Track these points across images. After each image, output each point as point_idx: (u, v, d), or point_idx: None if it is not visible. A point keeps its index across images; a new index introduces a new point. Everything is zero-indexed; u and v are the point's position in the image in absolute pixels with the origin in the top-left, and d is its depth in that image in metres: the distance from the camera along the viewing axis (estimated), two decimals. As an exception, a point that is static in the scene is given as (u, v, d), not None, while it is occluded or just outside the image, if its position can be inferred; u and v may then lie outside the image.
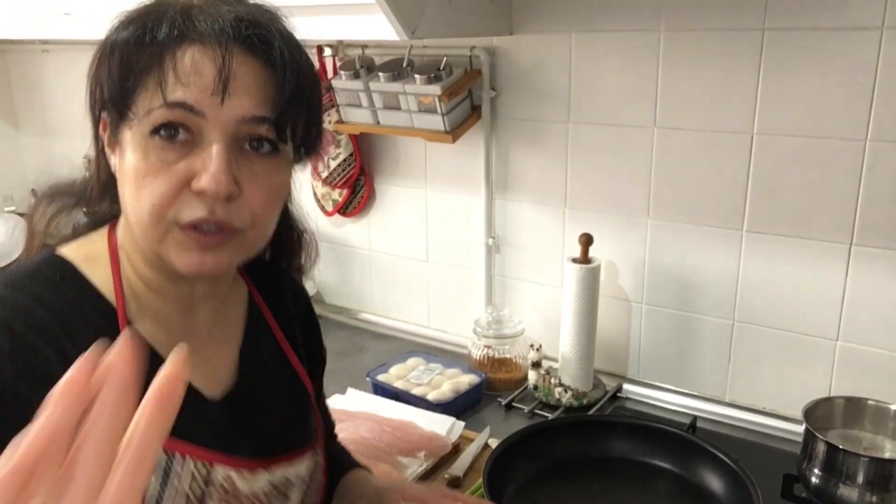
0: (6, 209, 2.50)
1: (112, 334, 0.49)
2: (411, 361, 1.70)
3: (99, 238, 0.79)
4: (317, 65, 1.82)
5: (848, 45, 1.28)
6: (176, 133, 0.69)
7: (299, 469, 0.84)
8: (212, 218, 0.70)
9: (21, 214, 2.47)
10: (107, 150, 0.76)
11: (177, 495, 0.71)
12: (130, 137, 0.71)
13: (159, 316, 0.77)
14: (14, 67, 2.71)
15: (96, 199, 0.82)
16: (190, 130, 0.70)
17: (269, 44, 0.71)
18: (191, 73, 0.68)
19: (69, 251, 0.77)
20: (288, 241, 0.94)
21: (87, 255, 0.77)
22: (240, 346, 0.84)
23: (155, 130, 0.69)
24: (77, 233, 0.82)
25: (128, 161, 0.71)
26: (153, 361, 0.37)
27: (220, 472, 0.75)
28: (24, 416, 0.37)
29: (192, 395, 0.77)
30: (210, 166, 0.68)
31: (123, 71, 0.70)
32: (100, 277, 0.75)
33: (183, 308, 0.79)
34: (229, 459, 0.76)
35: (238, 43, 0.70)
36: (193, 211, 0.69)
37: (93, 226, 0.82)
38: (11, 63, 2.71)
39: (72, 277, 0.74)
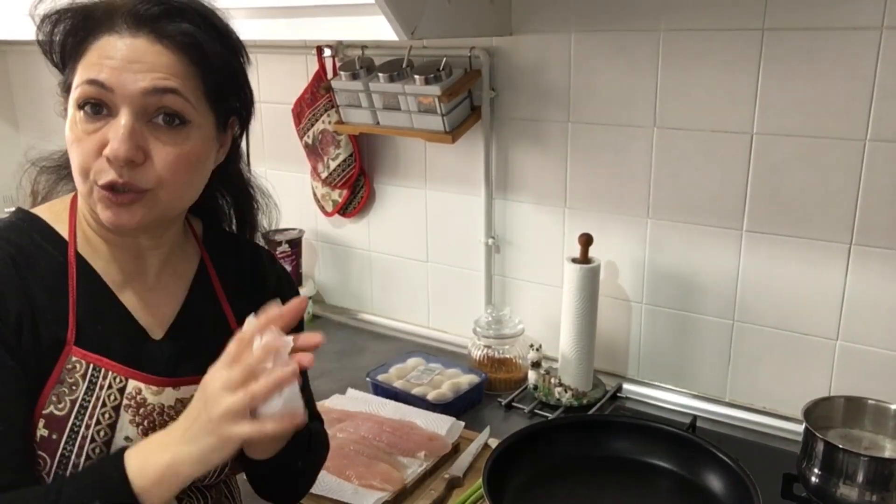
0: (6, 209, 2.50)
1: (65, 263, 0.87)
2: (411, 361, 1.70)
3: (61, 202, 0.94)
4: (316, 65, 1.84)
5: (848, 45, 1.28)
6: (96, 108, 0.82)
7: None
8: (119, 181, 0.82)
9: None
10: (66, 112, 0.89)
11: (98, 401, 0.86)
12: (70, 110, 0.85)
13: (111, 258, 0.92)
14: (14, 67, 2.71)
15: (69, 171, 0.94)
16: (106, 105, 0.82)
17: (174, 25, 0.84)
18: (104, 56, 0.82)
19: (39, 209, 0.93)
20: (248, 199, 1.07)
21: (51, 211, 0.92)
22: (184, 299, 0.96)
23: (80, 106, 0.83)
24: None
25: (67, 128, 0.85)
26: (104, 289, 0.86)
27: (132, 385, 0.88)
28: None
29: (138, 331, 0.91)
30: (115, 134, 0.81)
31: (62, 59, 0.87)
32: (61, 226, 0.90)
33: (132, 255, 0.92)
34: (141, 376, 0.89)
35: (145, 27, 0.83)
36: (106, 174, 0.82)
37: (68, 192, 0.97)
38: (11, 63, 2.71)
39: (36, 225, 0.90)
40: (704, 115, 1.44)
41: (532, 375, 1.61)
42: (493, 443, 1.38)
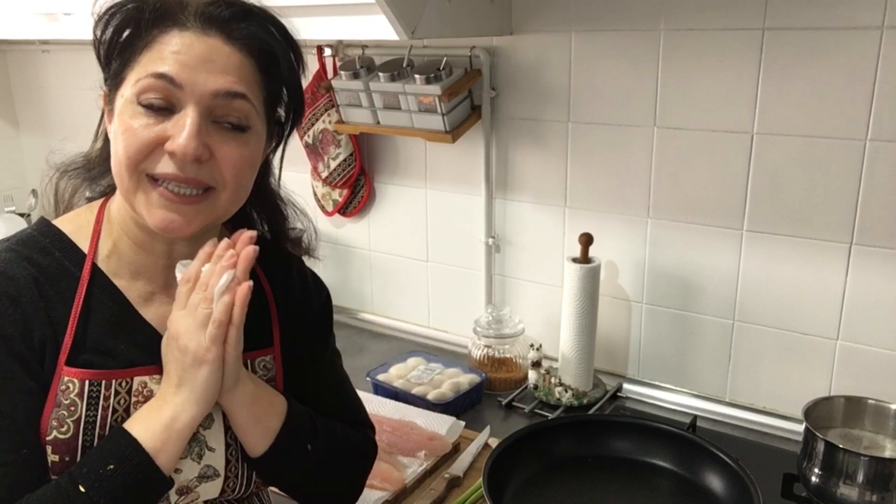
0: (6, 209, 2.50)
1: (87, 282, 0.85)
2: (411, 361, 1.70)
3: (89, 210, 0.91)
4: (317, 65, 1.84)
5: (848, 45, 1.28)
6: (159, 102, 0.80)
7: None
8: (181, 176, 0.80)
9: (21, 215, 2.47)
10: (105, 120, 0.87)
11: (106, 411, 0.83)
12: (120, 104, 0.82)
13: (141, 268, 0.89)
14: (14, 67, 2.71)
15: (99, 172, 0.93)
16: (169, 101, 0.80)
17: (245, 28, 0.83)
18: (173, 51, 0.80)
19: (60, 221, 0.89)
20: (279, 213, 1.05)
21: (74, 223, 0.89)
22: None
23: (140, 98, 0.80)
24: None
25: (115, 122, 0.82)
26: (123, 305, 0.85)
27: (137, 381, 0.86)
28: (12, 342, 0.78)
29: (152, 332, 0.88)
30: (183, 130, 0.79)
31: (120, 49, 0.82)
32: (83, 240, 0.88)
33: (164, 264, 0.89)
34: (142, 369, 0.86)
35: (215, 27, 0.81)
36: (163, 166, 0.80)
37: (90, 200, 0.94)
38: (11, 63, 2.71)
39: (58, 241, 0.87)
40: (704, 115, 1.44)
41: (532, 375, 1.61)
42: (494, 442, 1.38)
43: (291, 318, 1.00)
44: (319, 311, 1.07)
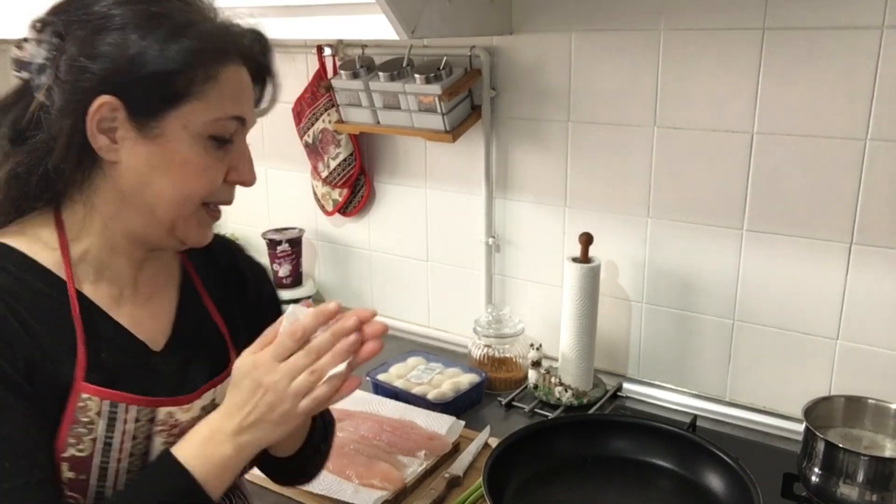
0: None
1: (62, 301, 0.81)
2: (411, 361, 1.70)
3: (41, 225, 0.85)
4: (317, 64, 1.84)
5: (848, 44, 1.28)
6: (226, 137, 0.84)
7: (223, 388, 0.93)
8: (231, 200, 0.89)
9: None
10: (99, 135, 0.80)
11: (125, 435, 0.83)
12: (184, 133, 0.81)
13: (110, 272, 0.87)
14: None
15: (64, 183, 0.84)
16: (232, 135, 0.85)
17: (266, 61, 0.91)
18: (239, 90, 0.85)
19: (10, 240, 0.84)
20: None
21: (30, 240, 0.84)
22: (176, 304, 0.94)
23: (212, 132, 0.82)
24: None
25: (175, 153, 0.81)
26: (99, 315, 0.81)
27: (163, 411, 0.86)
28: None
29: (140, 347, 0.88)
30: (247, 163, 0.87)
31: (173, 76, 0.79)
32: (43, 256, 0.83)
33: (133, 266, 0.89)
34: (169, 400, 0.87)
35: (250, 62, 0.87)
36: (228, 195, 0.88)
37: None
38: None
39: (11, 257, 0.82)
40: (704, 115, 1.44)
41: (532, 375, 1.61)
42: (494, 442, 1.38)
43: (237, 319, 1.00)
44: (257, 299, 1.04)
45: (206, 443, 0.81)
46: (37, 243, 0.83)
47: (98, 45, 0.78)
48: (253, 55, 0.87)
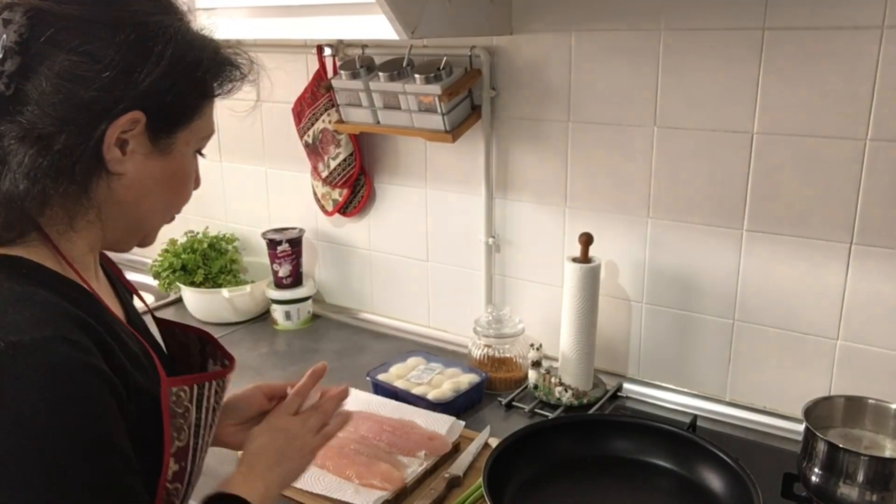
0: None
1: (100, 308, 0.83)
2: (411, 361, 1.70)
3: (35, 244, 0.81)
4: (317, 64, 1.84)
5: (848, 44, 1.28)
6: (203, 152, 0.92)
7: None
8: None
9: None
10: (112, 146, 0.78)
11: (208, 412, 0.91)
12: (186, 150, 0.87)
13: (86, 266, 0.87)
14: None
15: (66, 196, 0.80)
16: None
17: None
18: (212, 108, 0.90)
19: (20, 253, 0.80)
20: None
21: (35, 255, 0.81)
22: (117, 297, 0.98)
23: (200, 147, 0.91)
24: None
25: (178, 167, 0.87)
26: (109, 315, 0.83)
27: (227, 380, 0.97)
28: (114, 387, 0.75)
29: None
30: (198, 170, 0.94)
31: (194, 97, 0.85)
32: (53, 264, 0.82)
33: (93, 258, 0.91)
34: (225, 370, 0.98)
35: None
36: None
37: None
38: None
39: (43, 273, 0.80)
40: (704, 115, 1.44)
41: (532, 375, 1.61)
42: (494, 442, 1.38)
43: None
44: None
45: (241, 480, 0.92)
46: (40, 256, 0.81)
47: (120, 52, 0.75)
48: (247, 72, 0.93)
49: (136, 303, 1.02)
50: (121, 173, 0.80)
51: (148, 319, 1.02)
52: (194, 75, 0.82)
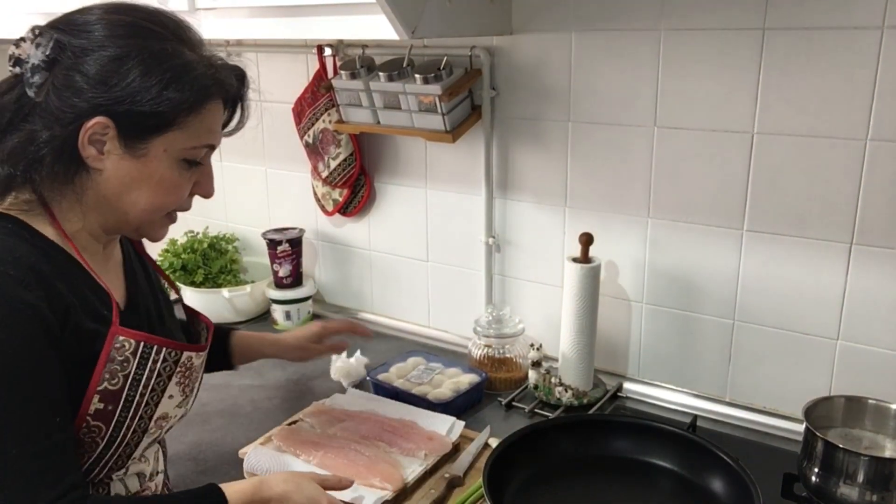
0: None
1: (76, 263, 0.95)
2: (411, 361, 1.70)
3: (38, 214, 0.95)
4: (317, 64, 1.84)
5: (848, 44, 1.28)
6: (199, 161, 0.99)
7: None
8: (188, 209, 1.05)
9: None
10: (88, 146, 0.91)
11: (152, 373, 0.99)
12: (154, 152, 0.93)
13: (90, 248, 1.01)
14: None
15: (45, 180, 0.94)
16: (202, 157, 1.00)
17: (246, 96, 1.04)
18: (215, 122, 0.99)
19: (8, 209, 0.94)
20: None
21: (28, 216, 0.94)
22: (123, 275, 1.09)
23: (186, 156, 0.96)
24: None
25: (154, 172, 0.95)
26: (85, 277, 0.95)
27: (185, 356, 1.04)
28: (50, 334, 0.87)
29: (158, 299, 1.12)
30: (211, 180, 1.03)
31: (171, 106, 0.92)
32: (49, 232, 0.95)
33: (104, 246, 1.04)
34: (192, 347, 1.06)
35: (235, 96, 1.01)
36: (188, 204, 1.03)
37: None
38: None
39: (23, 227, 0.93)
40: (704, 115, 1.44)
41: (532, 375, 1.61)
42: (494, 442, 1.38)
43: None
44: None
45: (241, 498, 1.00)
46: (32, 219, 0.94)
47: (99, 71, 0.89)
48: (232, 91, 1.00)
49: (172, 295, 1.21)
50: (99, 169, 0.93)
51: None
52: (164, 96, 0.90)
